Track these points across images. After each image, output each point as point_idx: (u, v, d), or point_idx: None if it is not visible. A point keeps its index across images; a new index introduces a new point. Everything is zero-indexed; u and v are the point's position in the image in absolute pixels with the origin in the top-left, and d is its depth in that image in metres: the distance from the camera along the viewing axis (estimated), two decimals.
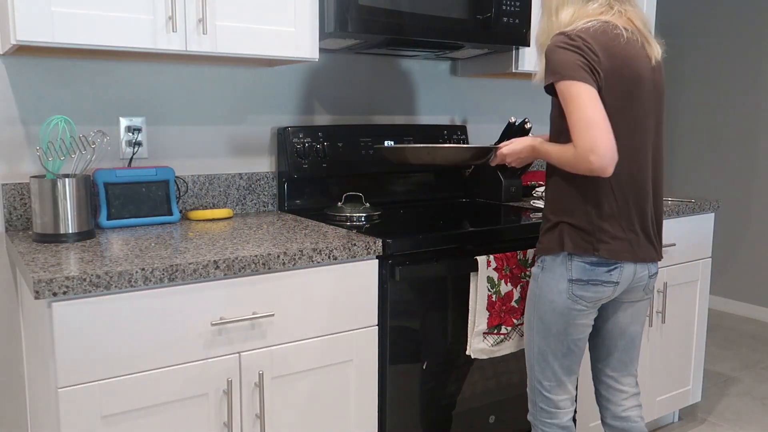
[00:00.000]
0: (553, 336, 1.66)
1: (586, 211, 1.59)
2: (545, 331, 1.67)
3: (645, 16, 1.66)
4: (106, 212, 1.88)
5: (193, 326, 1.50)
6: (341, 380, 1.74)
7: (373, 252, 1.72)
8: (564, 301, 1.62)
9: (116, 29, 1.62)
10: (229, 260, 1.52)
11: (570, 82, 1.49)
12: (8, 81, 1.82)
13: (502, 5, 2.18)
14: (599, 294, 1.62)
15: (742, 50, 4.19)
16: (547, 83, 1.56)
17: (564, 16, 1.61)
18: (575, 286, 1.61)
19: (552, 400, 1.71)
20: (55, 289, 1.32)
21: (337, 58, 2.37)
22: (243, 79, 2.19)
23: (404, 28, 2.00)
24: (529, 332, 1.72)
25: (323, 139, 2.24)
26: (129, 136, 2.00)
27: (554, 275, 1.63)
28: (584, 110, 1.47)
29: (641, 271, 1.65)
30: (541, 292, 1.66)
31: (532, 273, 1.72)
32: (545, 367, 1.70)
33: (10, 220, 1.85)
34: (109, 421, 1.43)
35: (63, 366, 1.36)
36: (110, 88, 1.97)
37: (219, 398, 1.56)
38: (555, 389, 1.71)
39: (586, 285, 1.61)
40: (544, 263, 1.65)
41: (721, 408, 2.94)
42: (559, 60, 1.52)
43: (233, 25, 1.78)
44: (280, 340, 1.63)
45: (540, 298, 1.67)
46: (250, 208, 2.23)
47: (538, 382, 1.72)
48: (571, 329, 1.65)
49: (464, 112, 2.72)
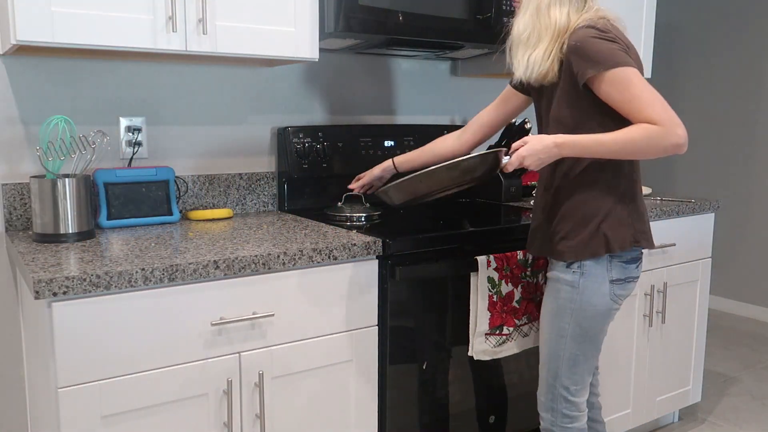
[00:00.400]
0: (589, 339, 1.68)
1: (623, 207, 1.62)
2: (582, 337, 1.67)
3: None
4: (106, 212, 1.88)
5: (193, 326, 1.50)
6: (341, 380, 1.74)
7: (373, 252, 1.72)
8: (608, 303, 1.65)
9: (116, 29, 1.62)
10: (229, 260, 1.52)
11: (625, 68, 1.49)
12: (8, 81, 1.82)
13: (502, 5, 2.18)
14: (629, 291, 1.69)
15: (742, 50, 4.19)
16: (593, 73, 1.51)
17: (556, 13, 1.59)
18: (616, 286, 1.65)
19: (576, 404, 1.72)
20: (55, 289, 1.32)
21: (337, 58, 2.37)
22: (243, 79, 2.19)
23: (404, 28, 2.00)
24: (558, 340, 1.69)
25: (323, 139, 2.24)
26: (129, 136, 2.00)
27: (596, 279, 1.63)
28: (651, 90, 1.49)
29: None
30: (582, 297, 1.64)
31: (561, 279, 1.66)
32: (575, 372, 1.70)
33: (10, 220, 1.85)
34: (109, 421, 1.43)
35: (63, 366, 1.36)
36: (110, 88, 1.97)
37: (219, 398, 1.56)
38: (581, 392, 1.72)
39: (624, 283, 1.66)
40: (584, 268, 1.63)
41: (721, 408, 2.94)
42: (600, 50, 1.51)
43: (233, 25, 1.78)
44: (280, 340, 1.63)
45: (581, 304, 1.64)
46: (250, 208, 2.23)
47: (565, 388, 1.71)
48: (606, 329, 1.70)
49: (464, 112, 2.72)
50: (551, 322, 1.70)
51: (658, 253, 2.42)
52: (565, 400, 1.71)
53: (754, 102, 4.17)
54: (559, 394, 1.72)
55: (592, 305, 1.64)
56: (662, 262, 2.44)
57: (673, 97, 4.57)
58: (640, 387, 2.48)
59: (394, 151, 2.39)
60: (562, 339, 1.69)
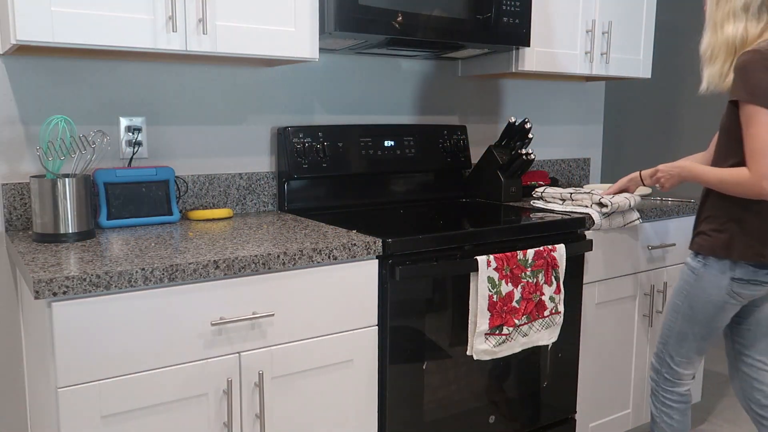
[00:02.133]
0: (698, 322, 1.86)
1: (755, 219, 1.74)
2: (692, 318, 1.87)
3: None
4: (106, 212, 1.88)
5: (193, 326, 1.50)
6: (341, 380, 1.74)
7: (373, 252, 1.72)
8: (723, 296, 1.80)
9: (116, 29, 1.62)
10: (229, 260, 1.52)
11: (756, 107, 1.61)
12: (8, 81, 1.82)
13: (502, 5, 2.18)
14: (756, 292, 1.81)
15: None
16: (732, 98, 1.68)
17: (729, 30, 1.71)
18: (736, 284, 1.79)
19: (678, 373, 1.95)
20: (55, 289, 1.32)
21: (337, 58, 2.37)
22: (243, 79, 2.19)
23: (404, 28, 2.00)
24: (673, 314, 1.92)
25: (323, 139, 2.24)
26: (129, 136, 2.00)
27: (716, 272, 1.80)
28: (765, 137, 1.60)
29: None
30: (699, 284, 1.83)
31: (688, 262, 1.88)
32: (682, 346, 1.91)
33: (10, 220, 1.85)
34: (109, 421, 1.43)
35: (63, 366, 1.36)
36: (110, 88, 1.97)
37: (219, 398, 1.56)
38: (684, 365, 1.94)
39: (747, 284, 1.79)
40: (708, 261, 1.81)
41: (721, 408, 2.94)
42: (751, 79, 1.61)
43: (233, 25, 1.78)
44: (280, 340, 1.63)
45: (696, 289, 1.84)
46: (250, 208, 2.23)
47: (670, 356, 1.94)
48: (719, 318, 1.85)
49: (464, 112, 2.72)
50: (673, 296, 1.93)
51: (658, 253, 2.42)
52: (669, 366, 1.96)
53: None
54: (665, 360, 1.97)
55: (707, 293, 1.82)
56: (662, 262, 2.44)
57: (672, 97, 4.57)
58: (640, 387, 2.48)
59: (394, 151, 2.39)
60: (675, 313, 1.92)
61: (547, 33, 2.41)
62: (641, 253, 2.37)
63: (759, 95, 1.60)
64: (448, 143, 2.52)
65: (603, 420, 2.38)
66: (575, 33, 2.49)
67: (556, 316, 2.03)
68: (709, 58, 1.77)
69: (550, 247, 1.99)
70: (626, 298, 2.37)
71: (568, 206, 2.25)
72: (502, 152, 2.52)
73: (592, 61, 2.54)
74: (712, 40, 1.76)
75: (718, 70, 1.75)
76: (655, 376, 2.01)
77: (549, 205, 2.30)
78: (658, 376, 2.00)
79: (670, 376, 1.97)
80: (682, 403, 1.97)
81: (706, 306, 1.84)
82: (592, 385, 2.32)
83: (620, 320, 2.36)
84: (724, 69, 1.74)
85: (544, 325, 2.01)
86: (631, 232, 2.32)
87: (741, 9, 1.71)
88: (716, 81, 1.76)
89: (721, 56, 1.74)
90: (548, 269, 1.98)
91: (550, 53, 2.43)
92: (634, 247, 2.34)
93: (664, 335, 1.97)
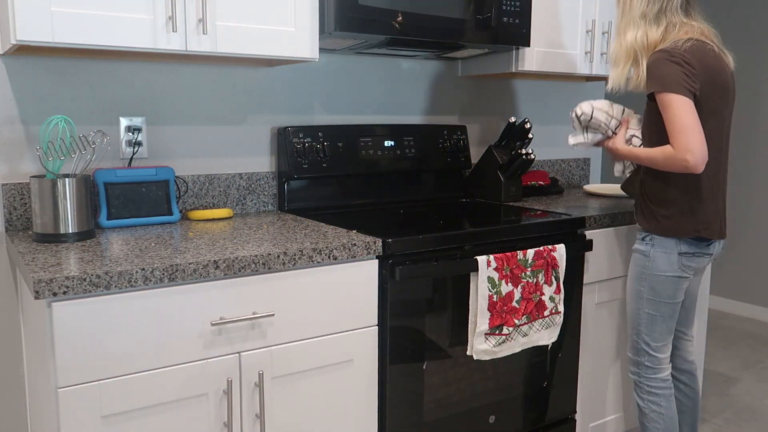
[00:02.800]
0: (662, 302, 1.96)
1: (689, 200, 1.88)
2: (655, 299, 1.96)
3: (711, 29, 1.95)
4: (106, 212, 1.88)
5: (193, 326, 1.50)
6: (341, 380, 1.74)
7: (373, 252, 1.72)
8: (676, 271, 1.93)
9: (116, 29, 1.62)
10: (229, 260, 1.52)
11: (669, 94, 1.77)
12: (8, 81, 1.82)
13: (502, 5, 2.18)
14: (701, 264, 1.96)
15: (741, 52, 4.18)
16: (648, 91, 1.84)
17: (629, 36, 1.91)
18: (684, 258, 1.92)
19: (658, 358, 2.01)
20: (55, 289, 1.32)
21: (337, 58, 2.37)
22: (243, 79, 2.19)
23: (404, 28, 2.00)
24: (637, 300, 2.00)
25: (323, 139, 2.24)
26: (129, 136, 2.00)
27: (666, 250, 1.92)
28: (681, 117, 1.76)
29: (719, 245, 1.98)
30: (654, 264, 1.94)
31: (636, 248, 1.99)
32: (654, 330, 1.98)
33: (10, 220, 1.85)
34: (109, 421, 1.43)
35: (63, 366, 1.36)
36: (110, 88, 1.97)
37: (219, 398, 1.56)
38: (661, 348, 2.01)
39: (693, 257, 1.93)
40: (655, 241, 1.93)
41: (721, 408, 2.94)
42: (660, 73, 1.80)
43: (233, 25, 1.78)
44: (280, 340, 1.63)
45: (652, 270, 1.95)
46: (250, 208, 2.23)
47: (646, 344, 2.00)
48: (679, 293, 1.96)
49: (464, 112, 2.72)
50: (632, 284, 2.01)
51: None
52: (647, 354, 2.01)
53: (754, 102, 4.17)
54: (641, 349, 2.01)
55: (662, 271, 1.93)
56: None
57: None
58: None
59: (394, 151, 2.39)
60: (639, 300, 2.00)
61: (547, 33, 2.41)
62: None
63: (669, 83, 1.77)
64: (448, 143, 2.52)
65: (603, 420, 2.38)
66: (575, 33, 2.49)
67: (556, 316, 2.03)
68: (613, 62, 1.98)
69: (550, 247, 1.99)
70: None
71: None
72: (502, 152, 2.52)
73: (592, 61, 2.54)
74: (616, 46, 1.97)
75: (620, 72, 1.95)
76: (635, 369, 2.05)
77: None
78: (639, 367, 2.03)
79: (651, 363, 2.01)
80: (667, 389, 2.02)
81: (665, 284, 1.94)
82: (592, 385, 2.32)
83: (620, 320, 2.36)
84: (625, 71, 1.95)
85: (544, 325, 2.01)
86: (631, 232, 2.32)
87: (639, 17, 1.91)
88: (620, 81, 1.96)
89: (622, 60, 1.94)
90: (548, 269, 1.98)
91: (550, 53, 2.43)
92: None
93: (634, 324, 2.02)
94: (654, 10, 1.89)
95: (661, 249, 1.92)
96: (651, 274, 1.95)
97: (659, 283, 1.94)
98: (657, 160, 1.85)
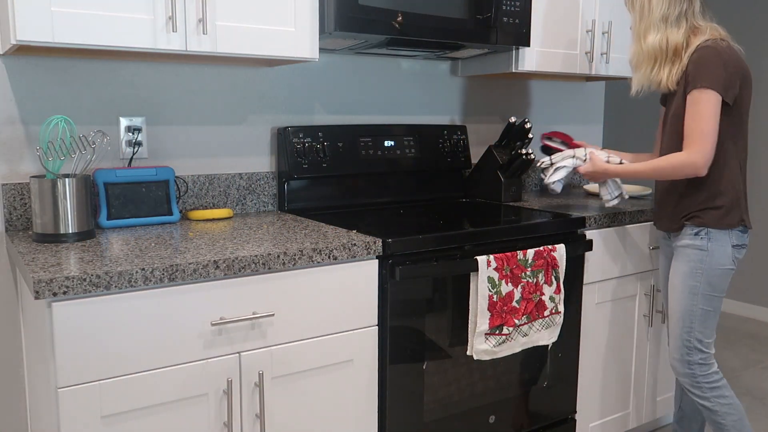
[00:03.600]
0: (717, 296, 1.97)
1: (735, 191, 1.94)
2: (711, 294, 1.96)
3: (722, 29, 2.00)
4: (106, 212, 1.88)
5: (193, 326, 1.50)
6: (341, 380, 1.74)
7: (373, 252, 1.72)
8: (731, 263, 1.96)
9: (116, 29, 1.62)
10: (229, 260, 1.52)
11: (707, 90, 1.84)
12: (8, 81, 1.82)
13: (502, 5, 2.18)
14: (743, 256, 2.01)
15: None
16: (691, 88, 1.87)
17: (650, 39, 1.95)
18: (735, 250, 1.96)
19: (709, 354, 2.00)
20: (55, 289, 1.32)
21: (337, 58, 2.37)
22: (243, 79, 2.19)
23: (404, 28, 2.00)
24: (691, 297, 1.97)
25: (323, 139, 2.24)
26: (129, 136, 2.00)
27: (722, 243, 1.94)
28: (706, 120, 1.84)
29: None
30: (712, 259, 1.95)
31: (688, 245, 1.98)
32: (707, 326, 1.98)
33: (10, 220, 1.85)
34: (109, 421, 1.43)
35: (63, 366, 1.36)
36: (110, 88, 1.97)
37: (219, 398, 1.56)
38: (711, 344, 2.01)
39: (741, 249, 1.98)
40: (711, 234, 1.95)
41: None
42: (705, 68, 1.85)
43: (233, 25, 1.78)
44: (280, 340, 1.63)
45: (710, 264, 1.95)
46: (250, 208, 2.23)
47: (698, 340, 1.98)
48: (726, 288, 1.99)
49: (464, 112, 2.72)
50: (687, 280, 1.98)
51: (658, 253, 2.42)
52: (701, 351, 1.99)
53: (754, 102, 4.16)
54: (694, 348, 1.99)
55: (720, 264, 1.95)
56: None
57: None
58: (640, 387, 2.48)
59: (394, 151, 2.39)
60: (694, 296, 1.98)
61: (547, 33, 2.41)
62: (641, 253, 2.37)
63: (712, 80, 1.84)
64: (448, 143, 2.52)
65: (603, 420, 2.38)
66: (575, 33, 2.49)
67: (556, 316, 2.03)
68: (635, 66, 2.02)
69: (550, 247, 1.99)
70: (626, 298, 2.37)
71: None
72: (502, 152, 2.52)
73: (592, 61, 2.54)
74: (636, 50, 2.00)
75: (643, 75, 1.99)
76: (687, 370, 2.01)
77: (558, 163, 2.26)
78: (693, 367, 2.00)
79: (703, 360, 1.99)
80: (723, 379, 2.01)
81: (722, 277, 1.95)
82: (592, 385, 2.32)
83: (620, 320, 2.36)
84: (647, 73, 1.98)
85: (544, 325, 2.01)
86: (631, 232, 2.32)
87: (659, 20, 1.94)
88: (643, 83, 2.01)
89: (644, 63, 1.98)
90: (548, 269, 1.98)
91: (550, 53, 2.43)
92: (634, 247, 2.34)
93: (686, 323, 1.99)
94: (675, 13, 1.94)
95: (718, 242, 1.94)
96: (709, 268, 1.95)
97: (716, 277, 1.95)
98: (665, 171, 1.93)
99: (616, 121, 4.49)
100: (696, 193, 1.97)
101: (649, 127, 4.35)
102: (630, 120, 4.67)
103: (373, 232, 1.83)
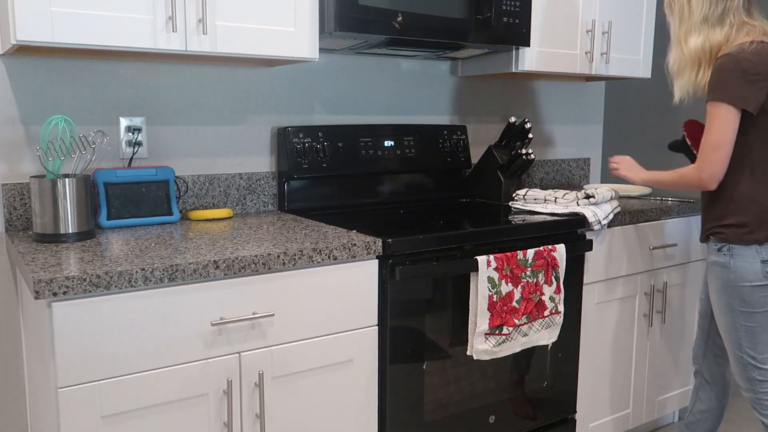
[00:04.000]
0: (757, 311, 1.90)
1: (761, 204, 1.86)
2: (750, 310, 1.90)
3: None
4: (106, 212, 1.88)
5: (193, 326, 1.50)
6: (341, 380, 1.74)
7: (373, 252, 1.72)
8: (760, 278, 1.87)
9: (116, 29, 1.63)
10: (229, 260, 1.52)
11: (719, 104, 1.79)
12: (8, 81, 1.82)
13: (502, 5, 2.18)
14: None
15: None
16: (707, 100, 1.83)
17: (692, 43, 1.89)
18: (766, 266, 1.87)
19: (765, 370, 1.93)
20: (55, 289, 1.32)
21: (337, 58, 2.37)
22: (243, 79, 2.19)
23: (404, 28, 2.00)
24: (730, 315, 1.92)
25: (323, 139, 2.24)
26: (129, 136, 2.00)
27: (747, 258, 1.87)
28: (719, 133, 1.80)
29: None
30: (738, 275, 1.88)
31: (714, 262, 1.93)
32: (757, 342, 1.92)
33: (10, 220, 1.85)
34: (109, 421, 1.43)
35: (63, 366, 1.36)
36: (110, 88, 1.97)
37: (219, 398, 1.56)
38: (766, 360, 1.93)
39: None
40: (734, 251, 1.88)
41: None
42: (719, 79, 1.80)
43: (233, 25, 1.78)
44: (280, 340, 1.63)
45: (737, 281, 1.89)
46: (250, 208, 2.23)
47: (752, 357, 1.93)
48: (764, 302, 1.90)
49: (464, 112, 2.72)
50: (721, 300, 1.93)
51: (658, 253, 2.42)
52: (756, 368, 1.93)
53: None
54: (749, 365, 1.94)
55: (749, 281, 1.88)
56: (663, 262, 2.44)
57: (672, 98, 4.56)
58: (640, 387, 2.48)
59: (394, 151, 2.39)
60: (732, 314, 1.92)
61: (547, 33, 2.41)
62: (641, 253, 2.37)
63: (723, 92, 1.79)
64: (448, 143, 2.52)
65: (603, 420, 2.38)
66: (575, 33, 2.49)
67: (556, 316, 2.03)
68: (677, 72, 1.95)
69: (550, 247, 1.99)
70: (626, 298, 2.37)
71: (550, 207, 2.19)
72: (502, 152, 2.52)
73: (592, 61, 2.54)
74: (678, 55, 1.94)
75: (686, 81, 1.93)
76: (748, 386, 1.96)
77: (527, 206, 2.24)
78: (752, 383, 1.95)
79: (762, 377, 1.93)
80: None
81: (753, 293, 1.88)
82: (592, 385, 2.32)
83: (620, 320, 2.36)
84: (691, 79, 1.91)
85: (544, 325, 2.01)
86: (631, 232, 2.32)
87: (700, 22, 1.88)
88: (687, 89, 1.93)
89: (687, 68, 1.92)
90: (548, 269, 1.98)
91: (550, 53, 2.43)
92: (634, 247, 2.34)
93: (734, 342, 1.94)
94: (717, 12, 1.87)
95: (742, 258, 1.87)
96: (736, 285, 1.89)
97: (747, 293, 1.88)
98: (676, 182, 1.94)
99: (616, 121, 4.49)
100: (717, 204, 1.93)
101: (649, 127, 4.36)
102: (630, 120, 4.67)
103: (373, 232, 1.83)
